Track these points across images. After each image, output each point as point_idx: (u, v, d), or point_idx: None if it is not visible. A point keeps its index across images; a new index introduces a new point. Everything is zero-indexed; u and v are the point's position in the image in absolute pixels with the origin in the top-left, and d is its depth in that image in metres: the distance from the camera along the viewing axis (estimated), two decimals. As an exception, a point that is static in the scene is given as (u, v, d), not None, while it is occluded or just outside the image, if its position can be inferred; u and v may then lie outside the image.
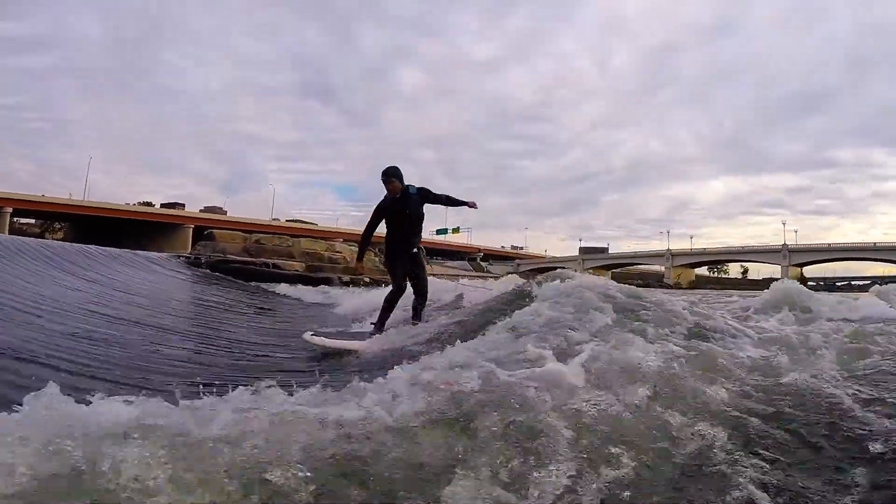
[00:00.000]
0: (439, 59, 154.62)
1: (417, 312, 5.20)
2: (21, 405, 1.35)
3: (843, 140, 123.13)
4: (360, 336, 4.87)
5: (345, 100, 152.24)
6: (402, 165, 5.06)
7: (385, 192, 5.09)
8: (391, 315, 5.12)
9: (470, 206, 5.52)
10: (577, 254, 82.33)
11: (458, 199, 5.47)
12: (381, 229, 5.24)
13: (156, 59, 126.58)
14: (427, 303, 5.46)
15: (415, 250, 5.24)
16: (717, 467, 1.53)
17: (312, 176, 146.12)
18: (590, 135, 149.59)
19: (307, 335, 4.78)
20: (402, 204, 5.07)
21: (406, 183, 5.10)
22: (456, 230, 78.78)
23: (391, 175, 5.01)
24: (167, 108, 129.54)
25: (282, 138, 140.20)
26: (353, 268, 10.73)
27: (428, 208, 5.26)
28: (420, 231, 5.29)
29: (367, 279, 15.54)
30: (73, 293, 6.30)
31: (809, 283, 48.42)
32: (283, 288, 12.04)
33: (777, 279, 6.70)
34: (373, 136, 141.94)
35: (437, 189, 5.29)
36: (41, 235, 51.11)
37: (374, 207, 5.18)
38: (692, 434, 1.70)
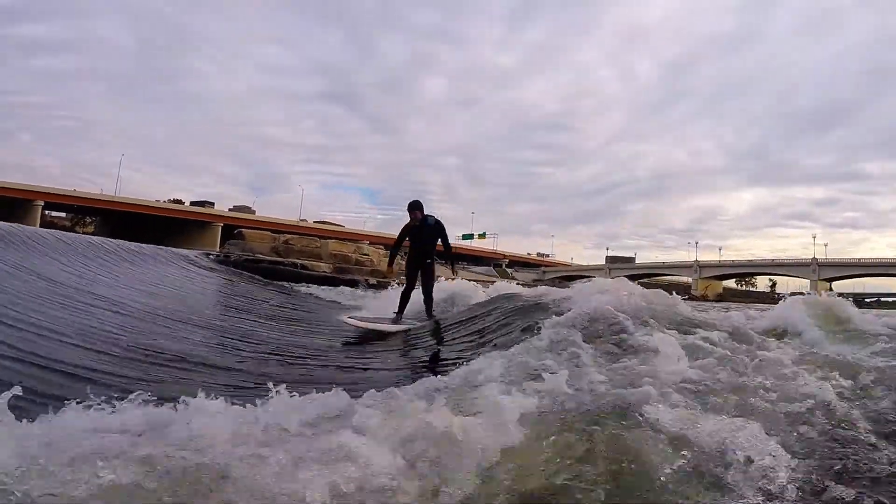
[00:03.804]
0: (461, 68, 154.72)
1: (427, 309, 6.49)
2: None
3: (869, 153, 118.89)
4: (385, 321, 5.99)
5: (369, 106, 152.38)
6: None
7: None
8: (407, 305, 6.47)
9: (452, 271, 7.64)
10: (603, 262, 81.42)
11: (452, 253, 7.45)
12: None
13: (181, 65, 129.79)
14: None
15: (428, 261, 6.61)
16: None
17: (338, 179, 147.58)
18: (613, 145, 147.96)
19: (346, 318, 5.93)
20: (420, 229, 6.48)
21: (427, 212, 6.48)
22: (482, 235, 78.50)
23: (414, 208, 6.40)
24: (192, 112, 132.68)
25: (307, 142, 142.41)
26: (382, 272, 12.43)
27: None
28: (432, 249, 6.65)
29: (395, 282, 15.46)
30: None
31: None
32: (316, 290, 11.99)
33: (805, 293, 6.37)
34: (395, 143, 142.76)
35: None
36: (72, 229, 52.42)
37: (402, 227, 6.61)
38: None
